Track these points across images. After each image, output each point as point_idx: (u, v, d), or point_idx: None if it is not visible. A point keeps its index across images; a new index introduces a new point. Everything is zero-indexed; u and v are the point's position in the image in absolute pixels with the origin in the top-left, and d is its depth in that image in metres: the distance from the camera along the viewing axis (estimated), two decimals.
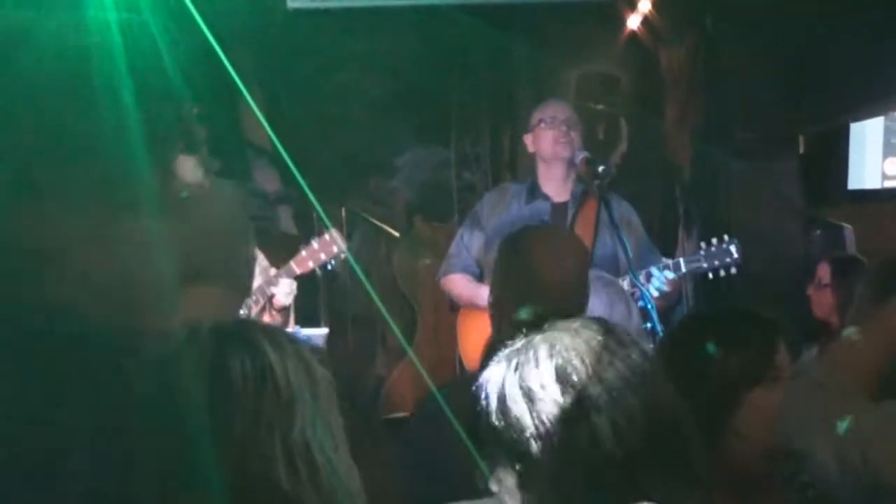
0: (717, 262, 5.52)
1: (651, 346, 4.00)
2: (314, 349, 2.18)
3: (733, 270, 5.53)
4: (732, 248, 5.52)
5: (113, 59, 5.30)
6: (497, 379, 2.14)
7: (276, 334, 2.16)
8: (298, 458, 2.05)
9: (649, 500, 2.00)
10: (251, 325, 2.25)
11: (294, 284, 5.49)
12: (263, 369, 2.05)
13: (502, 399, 2.12)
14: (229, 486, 2.04)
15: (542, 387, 2.05)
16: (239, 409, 2.04)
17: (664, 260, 5.61)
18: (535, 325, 2.18)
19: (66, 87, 5.96)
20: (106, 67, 5.31)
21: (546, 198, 5.61)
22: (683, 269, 5.52)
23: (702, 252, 5.55)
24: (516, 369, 2.10)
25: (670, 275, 5.39)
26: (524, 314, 2.21)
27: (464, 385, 2.48)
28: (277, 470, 2.03)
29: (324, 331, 6.24)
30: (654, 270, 5.45)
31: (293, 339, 2.17)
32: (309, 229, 6.21)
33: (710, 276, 5.55)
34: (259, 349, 2.09)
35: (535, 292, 3.52)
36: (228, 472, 2.04)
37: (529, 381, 2.07)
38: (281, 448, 2.04)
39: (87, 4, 4.97)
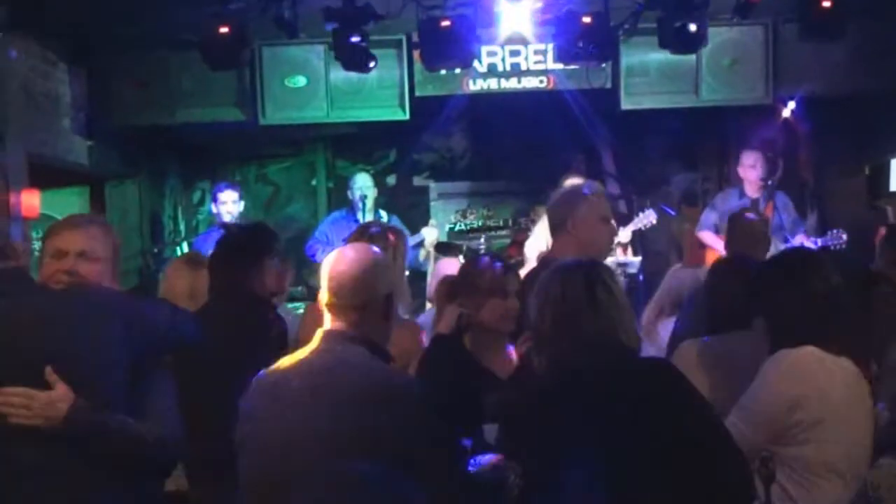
0: (835, 242, 9.13)
1: None
2: None
3: (842, 247, 9.06)
4: (844, 236, 9.15)
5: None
6: None
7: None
8: None
9: None
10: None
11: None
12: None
13: None
14: None
15: None
16: None
17: (811, 238, 9.13)
18: None
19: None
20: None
21: (748, 197, 9.58)
22: (820, 244, 9.09)
23: (831, 235, 9.16)
24: None
25: (812, 246, 8.86)
26: None
27: None
28: None
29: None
30: (805, 241, 8.94)
31: None
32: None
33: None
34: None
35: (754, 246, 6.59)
36: None
37: None
38: None
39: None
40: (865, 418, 4.07)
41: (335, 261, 3.72)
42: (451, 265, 7.49)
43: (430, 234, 9.53)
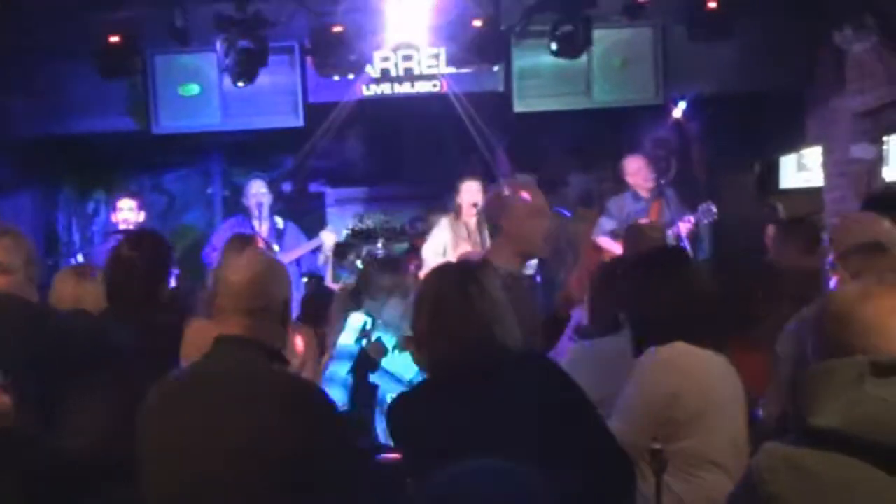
0: (707, 217, 9.32)
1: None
2: None
3: (714, 219, 9.36)
4: (713, 208, 9.29)
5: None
6: None
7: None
8: None
9: None
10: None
11: None
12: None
13: None
14: None
15: None
16: None
17: (685, 217, 9.30)
18: None
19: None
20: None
21: (644, 199, 9.71)
22: (695, 221, 9.29)
23: (701, 210, 9.28)
24: None
25: (688, 225, 9.24)
26: None
27: None
28: None
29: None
30: (681, 224, 9.16)
31: None
32: None
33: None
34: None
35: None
36: None
37: None
38: None
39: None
40: (741, 410, 4.13)
41: (232, 266, 3.67)
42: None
43: (329, 239, 9.54)
